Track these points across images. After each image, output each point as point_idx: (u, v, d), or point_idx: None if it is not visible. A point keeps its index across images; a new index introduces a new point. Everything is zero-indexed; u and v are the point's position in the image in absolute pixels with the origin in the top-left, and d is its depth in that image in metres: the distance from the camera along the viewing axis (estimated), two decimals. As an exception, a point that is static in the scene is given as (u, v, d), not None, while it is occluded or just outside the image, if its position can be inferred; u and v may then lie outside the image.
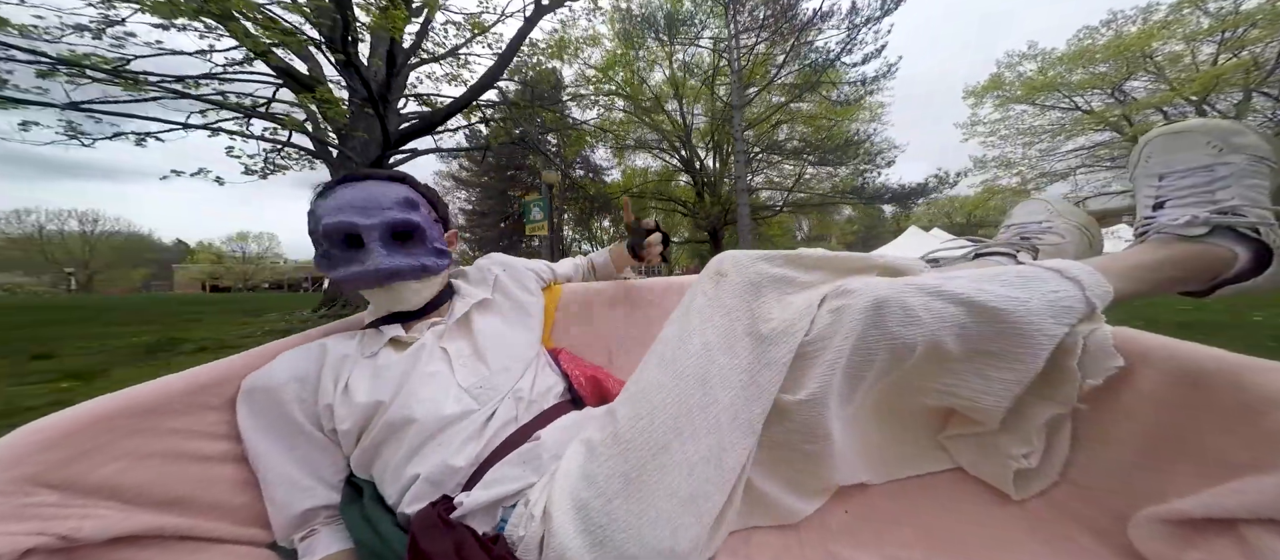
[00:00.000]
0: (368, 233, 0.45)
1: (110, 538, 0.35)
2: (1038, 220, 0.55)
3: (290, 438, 0.45)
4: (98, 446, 0.37)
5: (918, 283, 0.38)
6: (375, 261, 0.44)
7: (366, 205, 0.45)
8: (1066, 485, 0.41)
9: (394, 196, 0.47)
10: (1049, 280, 0.37)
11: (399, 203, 0.47)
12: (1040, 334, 0.35)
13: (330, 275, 0.46)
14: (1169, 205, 0.43)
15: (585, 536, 0.33)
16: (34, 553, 0.31)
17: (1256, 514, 0.27)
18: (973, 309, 0.36)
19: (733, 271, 0.42)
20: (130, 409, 0.40)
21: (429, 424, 0.42)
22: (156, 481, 0.39)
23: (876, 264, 0.45)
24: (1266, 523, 0.27)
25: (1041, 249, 0.52)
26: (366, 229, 0.45)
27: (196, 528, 0.40)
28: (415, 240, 0.48)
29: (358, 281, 0.46)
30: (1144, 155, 0.46)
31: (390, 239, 0.46)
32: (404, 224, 0.47)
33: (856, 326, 0.36)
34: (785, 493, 0.43)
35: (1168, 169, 0.44)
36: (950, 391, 0.40)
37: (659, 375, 0.38)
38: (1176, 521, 0.31)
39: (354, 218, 0.44)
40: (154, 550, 0.38)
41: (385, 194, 0.47)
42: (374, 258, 0.44)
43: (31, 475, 0.33)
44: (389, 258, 0.45)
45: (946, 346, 0.36)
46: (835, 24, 8.20)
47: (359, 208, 0.45)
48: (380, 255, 0.44)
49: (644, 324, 0.72)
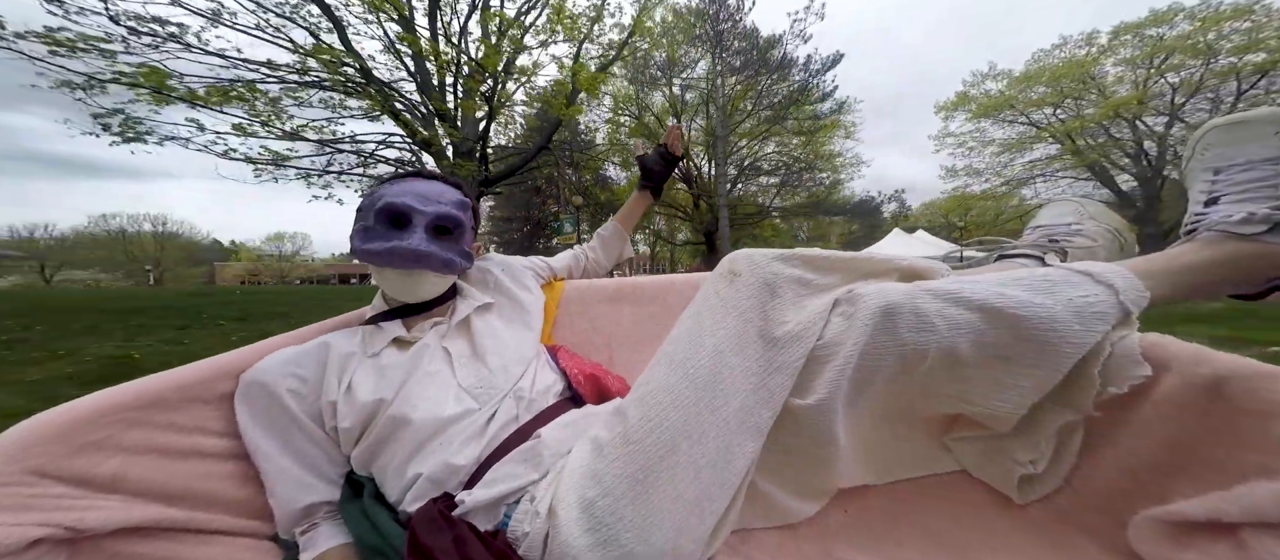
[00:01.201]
0: (419, 216, 0.49)
1: (114, 529, 0.35)
2: (1066, 222, 0.52)
3: (287, 433, 0.46)
4: (101, 439, 0.38)
5: (933, 287, 0.37)
6: (415, 242, 0.47)
7: (428, 196, 0.50)
8: (1070, 491, 0.40)
9: (452, 197, 0.52)
10: (1078, 285, 0.35)
11: (454, 203, 0.52)
12: (1064, 341, 0.33)
13: (362, 247, 0.49)
14: (1224, 201, 0.39)
15: (591, 535, 0.34)
16: (41, 543, 0.31)
17: (1260, 518, 0.27)
18: (991, 315, 0.35)
19: (747, 271, 0.41)
20: (130, 403, 0.40)
21: (430, 424, 0.43)
22: (158, 474, 0.40)
23: (895, 267, 0.43)
24: (1269, 527, 0.26)
25: (1070, 252, 0.50)
26: (419, 213, 0.49)
27: (198, 520, 0.41)
28: (453, 237, 0.52)
29: (390, 256, 0.48)
30: (1199, 147, 0.42)
31: (434, 228, 0.50)
32: (451, 219, 0.51)
33: (865, 332, 0.35)
34: (787, 494, 0.42)
35: (1226, 162, 0.40)
36: (963, 397, 0.39)
37: (669, 377, 0.38)
38: (1176, 523, 0.31)
39: (413, 202, 0.49)
40: (158, 541, 0.38)
41: (445, 192, 0.52)
42: (416, 238, 0.48)
43: (38, 467, 0.34)
44: (427, 243, 0.48)
45: (961, 353, 0.35)
46: (797, 71, 10.48)
47: (420, 195, 0.50)
48: (421, 238, 0.48)
49: (645, 321, 0.71)
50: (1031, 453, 0.40)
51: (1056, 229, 0.53)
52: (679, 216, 13.72)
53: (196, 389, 0.45)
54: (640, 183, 0.79)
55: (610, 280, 0.77)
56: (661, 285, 0.75)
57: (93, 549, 0.35)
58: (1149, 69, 10.25)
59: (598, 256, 0.80)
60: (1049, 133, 11.50)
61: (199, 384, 0.45)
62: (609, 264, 0.81)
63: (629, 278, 0.80)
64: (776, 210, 13.02)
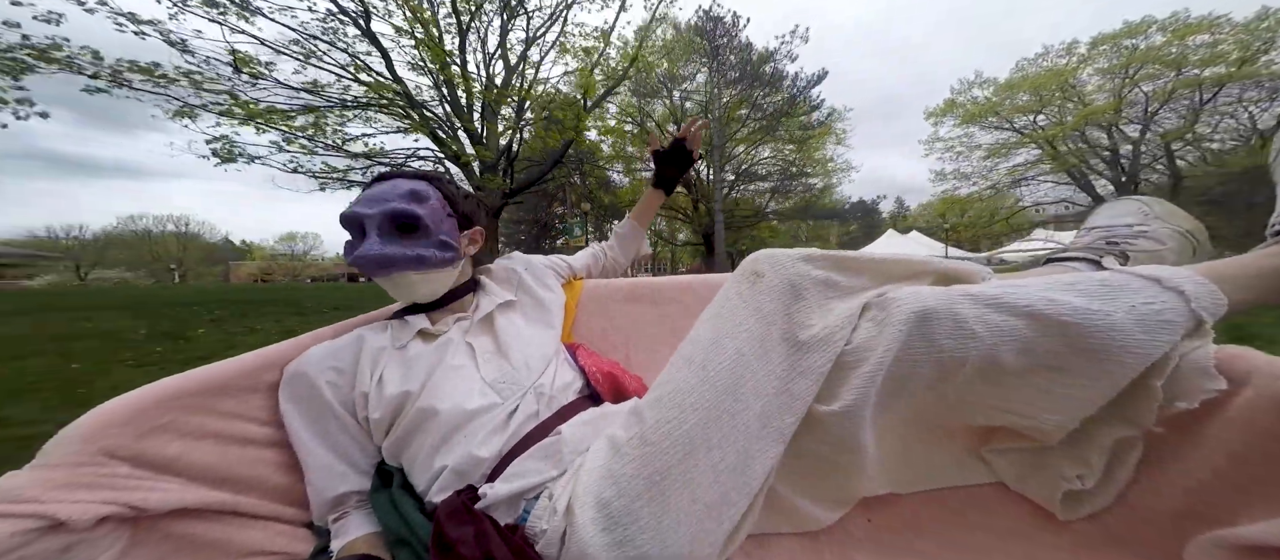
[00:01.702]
0: (368, 221, 0.48)
1: (170, 510, 0.37)
2: (1127, 222, 0.49)
3: (325, 423, 0.47)
4: (164, 424, 0.40)
5: (974, 292, 0.35)
6: (368, 248, 0.47)
7: (376, 197, 0.49)
8: (1122, 509, 0.37)
9: (401, 190, 0.49)
10: (1141, 290, 0.33)
11: (403, 195, 0.49)
12: (1125, 351, 0.31)
13: (348, 260, 0.49)
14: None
15: (606, 535, 0.34)
16: (108, 520, 0.33)
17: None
18: (1039, 322, 0.32)
19: (770, 272, 0.40)
20: (192, 389, 0.43)
21: (454, 417, 0.43)
22: (211, 459, 0.42)
23: (930, 269, 0.41)
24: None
25: (1132, 256, 0.47)
26: (368, 218, 0.48)
27: (242, 504, 0.43)
28: (418, 232, 0.50)
29: (358, 265, 0.48)
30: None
31: (391, 229, 0.48)
32: (403, 214, 0.48)
33: (899, 338, 0.34)
34: (808, 501, 0.41)
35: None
36: (1005, 408, 0.37)
37: (689, 378, 0.37)
38: (1239, 547, 0.29)
39: (360, 208, 0.48)
40: (206, 523, 0.40)
41: (394, 189, 0.49)
42: (369, 244, 0.47)
43: (108, 448, 0.36)
44: (382, 246, 0.47)
45: (1004, 362, 0.33)
46: (787, 85, 11.36)
47: (369, 198, 0.49)
48: (375, 242, 0.47)
49: (662, 321, 0.71)
50: (1080, 467, 0.38)
51: (1116, 230, 0.50)
52: (679, 218, 14.41)
53: (247, 378, 0.47)
54: (653, 180, 0.81)
55: (627, 280, 0.78)
56: (679, 286, 0.75)
57: (150, 528, 0.37)
58: (1123, 79, 10.84)
59: (615, 255, 0.82)
60: (1031, 138, 12.21)
61: (249, 373, 0.48)
62: (626, 262, 0.83)
63: (646, 278, 0.80)
64: (772, 213, 13.82)
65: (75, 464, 0.35)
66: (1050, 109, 11.83)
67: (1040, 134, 11.96)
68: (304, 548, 0.46)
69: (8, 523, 0.30)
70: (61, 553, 0.31)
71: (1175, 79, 10.21)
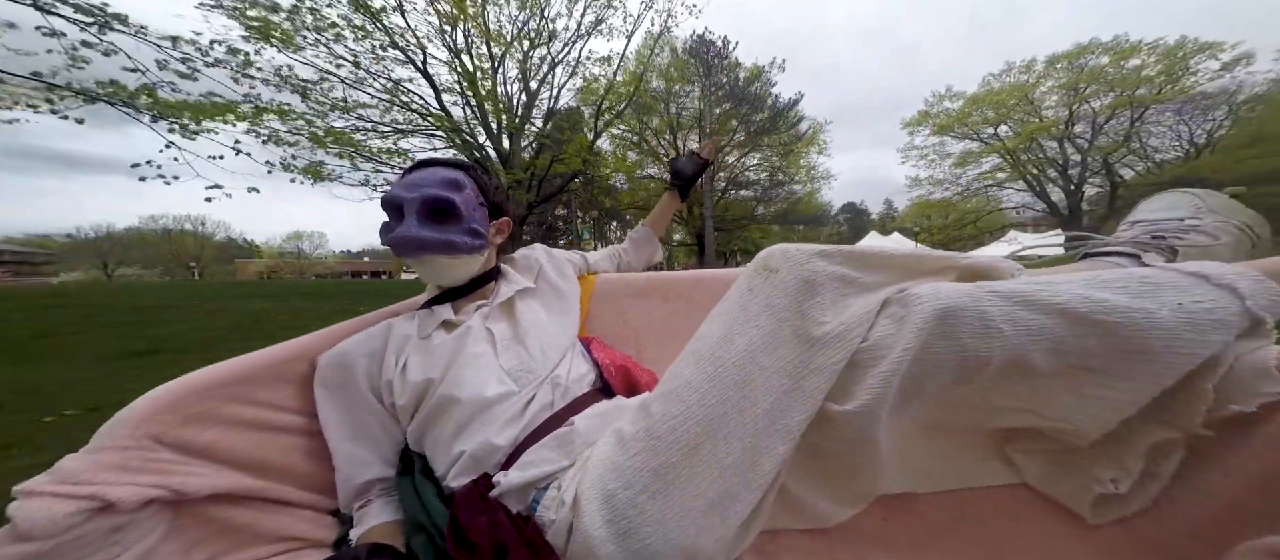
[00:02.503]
0: (408, 205, 0.50)
1: (208, 494, 0.39)
2: (1178, 216, 0.47)
3: (356, 413, 0.49)
4: (204, 412, 0.42)
5: (1002, 288, 0.34)
6: (409, 230, 0.49)
7: (415, 182, 0.51)
8: (1157, 514, 0.35)
9: (438, 177, 0.52)
10: (1190, 288, 0.31)
11: (440, 182, 0.52)
12: (1171, 352, 0.30)
13: (382, 240, 0.52)
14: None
15: (611, 527, 0.34)
16: (153, 502, 0.35)
17: None
18: (1072, 320, 0.31)
19: (784, 267, 0.39)
20: (230, 378, 0.44)
21: (473, 404, 0.45)
22: (245, 446, 0.44)
23: (956, 264, 0.40)
24: None
25: (1181, 251, 0.45)
26: (407, 202, 0.50)
27: (272, 490, 0.45)
28: (451, 219, 0.52)
29: (394, 246, 0.50)
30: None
31: (426, 214, 0.51)
32: (440, 200, 0.51)
33: (919, 336, 0.33)
34: (820, 498, 0.41)
35: None
36: (1036, 410, 0.36)
37: (696, 374, 0.37)
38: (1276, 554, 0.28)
39: (401, 192, 0.50)
40: (240, 509, 0.42)
41: (433, 176, 0.52)
42: (409, 226, 0.49)
43: (155, 434, 0.38)
44: (419, 229, 0.49)
45: (1033, 362, 0.32)
46: (769, 107, 12.92)
47: (409, 183, 0.51)
48: (412, 225, 0.49)
49: (674, 316, 0.71)
50: (1114, 470, 0.36)
51: (1164, 224, 0.48)
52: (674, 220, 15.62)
53: (279, 368, 0.49)
54: (670, 183, 0.84)
55: (640, 274, 0.79)
56: (691, 281, 0.75)
57: (189, 511, 0.39)
58: (1073, 96, 12.04)
59: (630, 258, 0.84)
60: (994, 149, 13.52)
61: (281, 364, 0.50)
62: (640, 266, 0.85)
63: (659, 273, 0.81)
64: (761, 216, 15.16)
65: (123, 448, 0.37)
66: (1014, 121, 13.12)
67: (1001, 145, 13.30)
68: (329, 534, 0.48)
69: (65, 503, 0.32)
70: (111, 533, 0.34)
71: (1116, 97, 11.44)
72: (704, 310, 0.44)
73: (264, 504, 0.45)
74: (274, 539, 0.45)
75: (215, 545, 0.41)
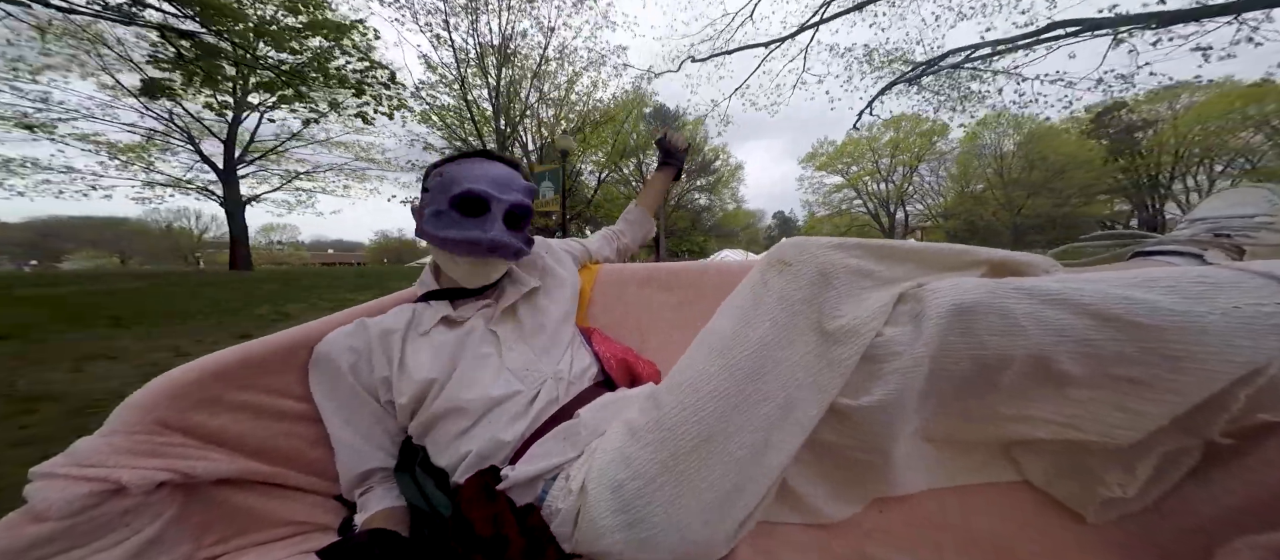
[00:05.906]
0: (497, 205, 0.49)
1: (217, 478, 0.40)
2: (1246, 213, 0.44)
3: (349, 403, 0.48)
4: (211, 397, 0.42)
5: (1029, 285, 0.32)
6: (494, 232, 0.48)
7: (503, 183, 0.50)
8: (1156, 513, 0.35)
9: (522, 184, 0.53)
10: (1253, 289, 0.28)
11: (522, 189, 0.52)
12: (1219, 359, 0.27)
13: (437, 234, 0.49)
14: None
15: (619, 516, 0.34)
16: (164, 486, 0.36)
17: None
18: (1106, 321, 0.29)
19: (798, 261, 0.38)
20: (236, 364, 0.45)
21: (479, 405, 0.44)
22: (252, 432, 0.44)
23: (985, 259, 0.38)
24: None
25: (1249, 250, 0.42)
26: (498, 202, 0.49)
27: (278, 476, 0.45)
28: (522, 226, 0.53)
29: (470, 246, 0.48)
30: None
31: (510, 217, 0.51)
32: (523, 207, 0.51)
33: (936, 332, 0.32)
34: (823, 495, 0.40)
35: None
36: (1073, 424, 0.33)
37: (709, 365, 0.37)
38: (1275, 550, 0.27)
39: (491, 189, 0.49)
40: (246, 493, 0.43)
41: (516, 179, 0.52)
42: (495, 229, 0.48)
43: (164, 419, 0.39)
44: (504, 234, 0.49)
45: (1062, 367, 0.30)
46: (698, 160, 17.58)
47: (496, 182, 0.50)
48: (499, 228, 0.49)
49: (677, 307, 0.70)
50: (1123, 476, 0.34)
51: (1229, 221, 0.45)
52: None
53: (284, 355, 0.49)
54: (661, 161, 0.84)
55: (643, 265, 0.79)
56: (695, 272, 0.74)
57: (197, 495, 0.39)
58: (892, 152, 19.84)
59: (627, 239, 0.84)
60: (849, 183, 22.07)
61: (286, 351, 0.50)
62: (636, 245, 0.86)
63: (662, 263, 0.80)
64: (702, 225, 19.89)
65: (134, 432, 0.37)
66: (865, 164, 20.81)
67: (851, 180, 21.72)
68: (333, 519, 0.49)
69: (78, 485, 0.32)
70: (123, 516, 0.34)
71: (906, 156, 19.58)
72: (709, 301, 0.44)
73: (271, 489, 0.46)
74: (281, 523, 0.46)
75: (224, 529, 0.42)
